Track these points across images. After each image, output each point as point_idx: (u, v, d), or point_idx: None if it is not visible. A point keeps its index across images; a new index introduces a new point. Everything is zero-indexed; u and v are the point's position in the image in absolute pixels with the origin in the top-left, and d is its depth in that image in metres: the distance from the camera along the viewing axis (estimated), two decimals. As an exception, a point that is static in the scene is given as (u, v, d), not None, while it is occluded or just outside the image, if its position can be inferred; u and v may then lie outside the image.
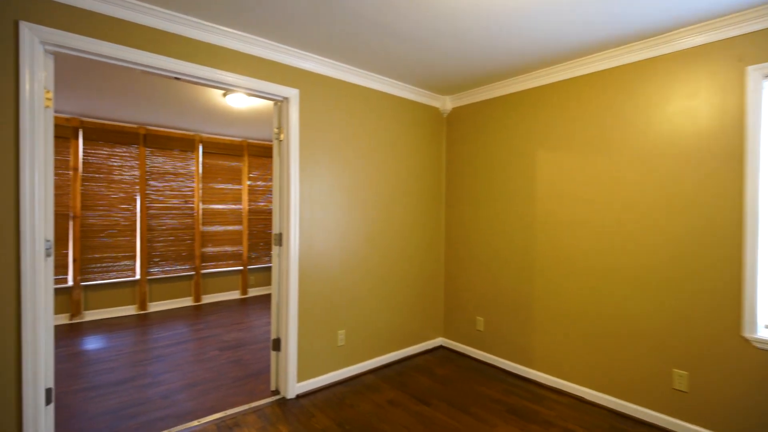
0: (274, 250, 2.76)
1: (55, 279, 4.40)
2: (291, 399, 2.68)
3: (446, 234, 3.81)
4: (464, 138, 3.64)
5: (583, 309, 2.76)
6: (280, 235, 2.73)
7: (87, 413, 2.48)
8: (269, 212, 6.13)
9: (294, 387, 2.70)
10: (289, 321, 2.68)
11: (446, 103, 3.75)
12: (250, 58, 2.48)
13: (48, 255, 1.92)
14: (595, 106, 2.72)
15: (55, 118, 4.39)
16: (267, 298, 5.85)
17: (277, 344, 2.77)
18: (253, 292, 6.03)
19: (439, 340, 3.79)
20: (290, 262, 2.66)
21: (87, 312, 4.62)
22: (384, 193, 3.29)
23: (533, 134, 3.08)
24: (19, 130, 1.74)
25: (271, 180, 6.15)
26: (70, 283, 4.48)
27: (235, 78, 2.40)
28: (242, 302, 5.58)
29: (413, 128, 3.53)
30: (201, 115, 4.69)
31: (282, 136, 2.72)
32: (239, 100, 4.13)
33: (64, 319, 4.47)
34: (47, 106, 1.90)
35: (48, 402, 1.93)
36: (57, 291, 4.43)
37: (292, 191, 2.66)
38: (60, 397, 2.69)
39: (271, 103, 4.22)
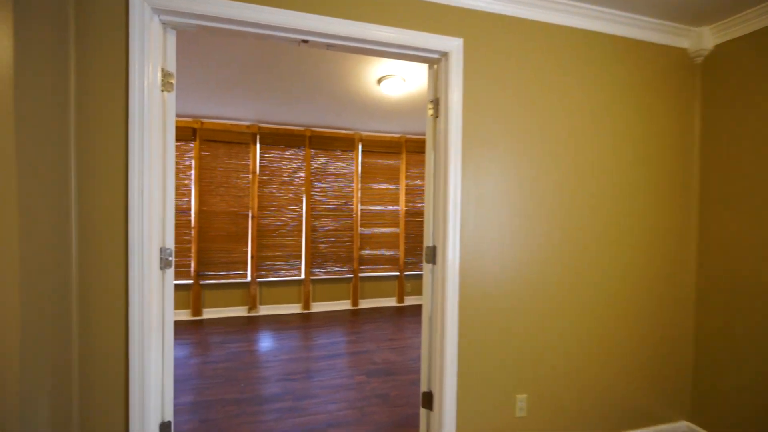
0: (425, 268, 2.00)
1: (236, 274, 4.82)
2: (446, 485, 1.87)
3: (700, 250, 2.33)
4: (743, 93, 2.12)
5: None
6: (433, 248, 1.96)
7: (225, 436, 2.26)
8: (428, 214, 5.53)
9: (450, 468, 1.88)
10: (444, 372, 1.88)
11: (702, 39, 2.28)
12: (392, 2, 1.78)
13: (166, 266, 1.63)
14: None
15: (238, 126, 4.80)
16: (421, 308, 5.24)
17: (428, 400, 2.00)
18: (409, 300, 5.53)
19: (680, 426, 2.35)
20: (447, 288, 1.86)
21: (262, 306, 4.92)
22: (590, 191, 2.13)
23: None
24: (128, 119, 1.45)
25: (430, 178, 5.53)
26: (248, 278, 4.84)
27: (375, 30, 1.74)
28: (398, 311, 5.12)
29: (639, 85, 2.23)
30: (359, 111, 4.39)
31: (438, 113, 1.93)
32: (394, 87, 3.58)
33: (243, 312, 4.86)
34: (166, 91, 1.61)
35: (165, 438, 1.66)
36: (238, 285, 4.84)
37: (451, 190, 1.84)
38: (211, 405, 2.60)
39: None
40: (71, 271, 1.42)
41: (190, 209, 4.64)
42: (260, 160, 4.87)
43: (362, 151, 5.25)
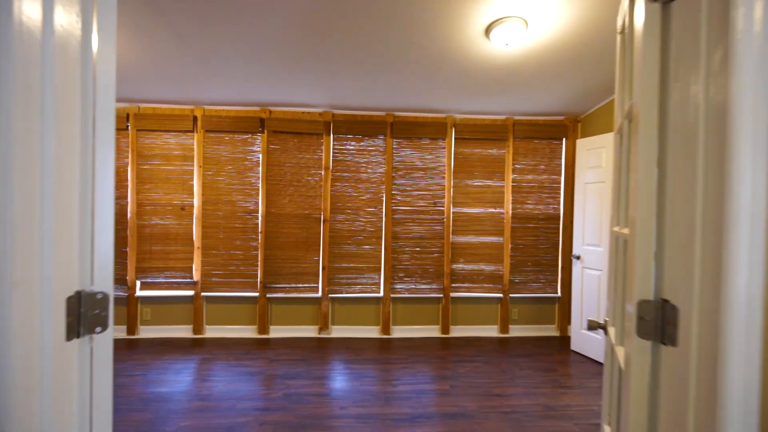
0: (635, 347, 0.89)
1: (306, 287, 4.11)
2: None
3: None
4: None
5: None
6: (660, 307, 0.84)
7: None
8: (544, 218, 4.25)
9: None
10: None
11: None
12: None
13: (93, 329, 0.80)
14: None
15: (309, 114, 4.10)
16: (534, 343, 3.97)
17: None
18: (515, 330, 4.30)
19: None
20: (727, 415, 0.72)
21: (334, 327, 4.16)
22: None
23: None
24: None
25: (546, 173, 4.24)
26: (319, 293, 4.11)
27: None
28: (501, 345, 3.94)
29: None
30: (455, 82, 3.35)
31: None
32: (509, 35, 2.48)
33: (313, 332, 4.14)
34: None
35: None
36: (307, 300, 4.14)
37: (744, 182, 0.70)
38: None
39: (559, 30, 2.34)
40: None
41: (257, 211, 4.07)
42: (333, 153, 4.12)
43: (455, 138, 4.19)
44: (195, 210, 4.02)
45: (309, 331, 4.13)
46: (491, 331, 4.27)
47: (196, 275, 4.02)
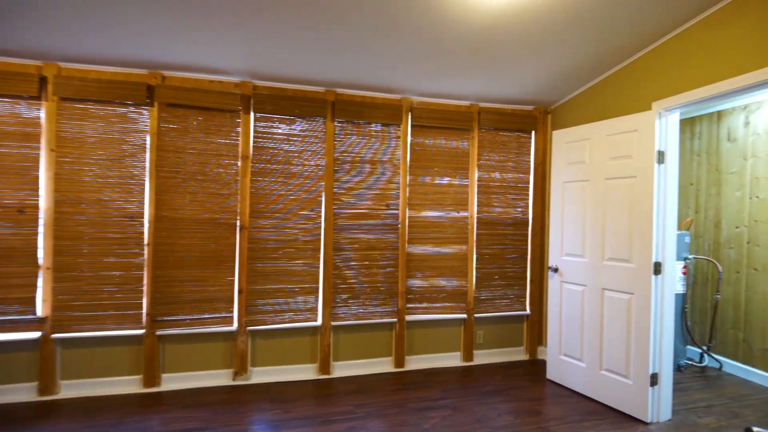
0: None
1: (214, 318, 3.03)
2: None
3: None
4: None
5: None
6: None
7: None
8: (512, 223, 3.63)
9: None
10: None
11: None
12: None
13: None
14: None
15: (221, 83, 3.04)
16: (503, 372, 3.32)
17: None
18: (480, 357, 3.63)
19: None
20: None
21: (254, 369, 3.13)
22: None
23: None
24: None
25: (514, 171, 3.64)
26: (235, 325, 3.06)
27: None
28: (467, 377, 3.23)
29: None
30: (417, 48, 2.56)
31: None
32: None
33: (226, 378, 3.07)
34: None
35: None
36: (217, 336, 3.06)
37: None
38: None
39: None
40: None
41: (142, 215, 2.90)
42: (255, 137, 3.11)
43: (412, 125, 3.42)
44: (42, 213, 2.74)
45: (219, 378, 3.05)
46: (453, 359, 3.55)
47: (45, 309, 2.74)
